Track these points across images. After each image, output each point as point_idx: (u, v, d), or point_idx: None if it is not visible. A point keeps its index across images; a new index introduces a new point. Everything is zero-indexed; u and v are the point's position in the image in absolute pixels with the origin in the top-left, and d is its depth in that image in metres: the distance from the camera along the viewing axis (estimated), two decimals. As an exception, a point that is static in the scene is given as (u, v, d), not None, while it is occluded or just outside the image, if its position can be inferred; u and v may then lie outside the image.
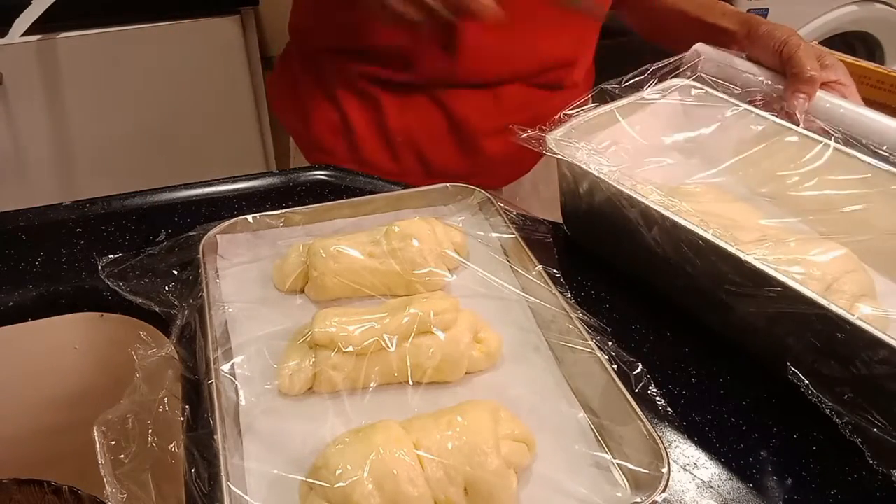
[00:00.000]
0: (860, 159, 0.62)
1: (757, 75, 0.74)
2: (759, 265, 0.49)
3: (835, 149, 0.63)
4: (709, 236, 0.52)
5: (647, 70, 0.72)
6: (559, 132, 0.63)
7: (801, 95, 0.70)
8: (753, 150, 0.67)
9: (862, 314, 0.48)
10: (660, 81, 0.71)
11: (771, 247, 0.55)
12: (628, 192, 0.56)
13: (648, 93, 0.70)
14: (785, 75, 0.73)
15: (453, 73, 0.82)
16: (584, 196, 0.61)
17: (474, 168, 0.68)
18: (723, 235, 0.52)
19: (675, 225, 0.54)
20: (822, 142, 0.64)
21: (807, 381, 0.48)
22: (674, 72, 0.73)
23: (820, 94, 0.71)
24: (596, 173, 0.58)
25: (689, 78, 0.73)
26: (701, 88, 0.72)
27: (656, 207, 0.55)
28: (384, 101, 0.86)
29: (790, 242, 0.56)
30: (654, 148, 0.70)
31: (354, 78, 0.86)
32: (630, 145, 0.67)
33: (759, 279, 0.49)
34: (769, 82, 0.73)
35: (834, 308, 0.46)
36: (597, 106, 0.66)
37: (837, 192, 0.62)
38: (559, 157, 0.61)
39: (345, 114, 0.88)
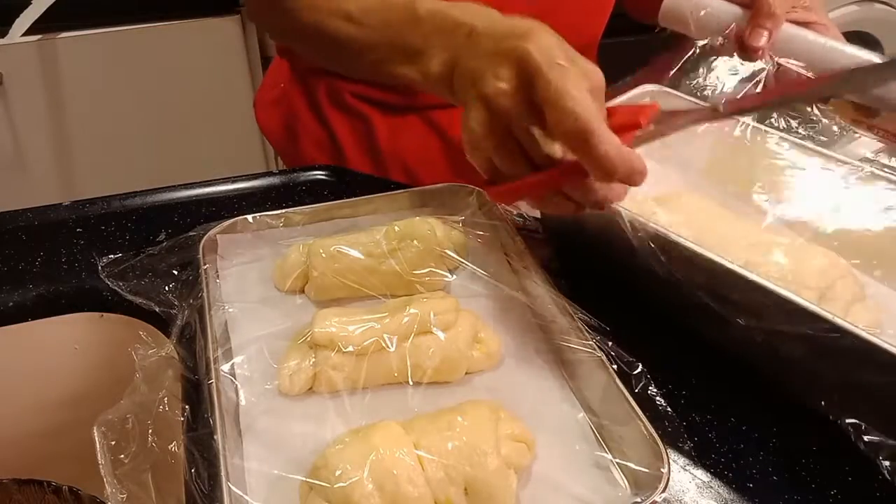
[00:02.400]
0: (837, 158, 0.62)
1: (726, 14, 0.72)
2: (759, 280, 0.48)
3: (812, 150, 0.63)
4: (702, 251, 0.51)
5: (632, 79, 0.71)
6: None
7: (763, 31, 0.67)
8: (729, 154, 0.67)
9: (858, 324, 0.48)
10: (635, 86, 0.71)
11: (761, 257, 0.54)
12: (615, 206, 0.54)
13: (619, 101, 0.69)
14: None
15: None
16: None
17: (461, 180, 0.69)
18: (713, 248, 0.51)
19: (666, 240, 0.53)
20: (798, 143, 0.64)
21: (854, 427, 0.47)
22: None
23: (788, 28, 0.68)
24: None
25: (662, 84, 0.72)
26: (674, 94, 0.71)
27: (645, 221, 0.53)
28: (375, 120, 0.85)
29: (779, 251, 0.56)
30: None
31: (345, 97, 0.85)
32: None
33: (758, 293, 0.49)
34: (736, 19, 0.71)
35: (845, 325, 0.45)
36: None
37: (817, 193, 0.62)
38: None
39: (333, 132, 0.87)
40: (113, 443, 0.44)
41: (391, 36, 0.59)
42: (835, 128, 0.67)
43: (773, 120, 0.68)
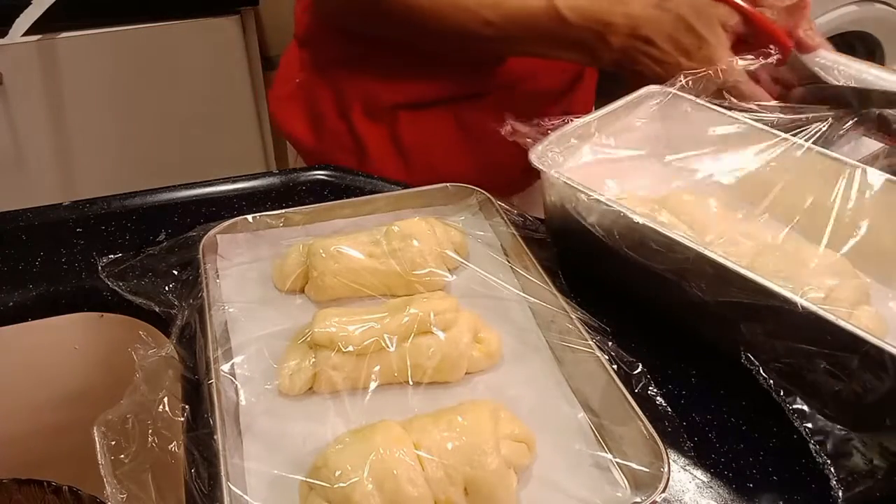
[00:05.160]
0: (840, 160, 0.62)
1: None
2: (762, 281, 0.48)
3: (813, 149, 0.63)
4: (706, 252, 0.51)
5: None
6: (542, 145, 0.61)
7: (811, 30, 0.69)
8: (731, 153, 0.67)
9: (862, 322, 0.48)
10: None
11: (765, 257, 0.54)
12: (619, 208, 0.55)
13: (626, 100, 0.68)
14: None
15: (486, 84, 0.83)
16: (572, 211, 0.59)
17: (488, 177, 0.68)
18: (716, 249, 0.51)
19: (667, 240, 0.52)
20: (798, 143, 0.64)
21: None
22: None
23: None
24: (583, 189, 0.57)
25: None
26: (677, 94, 0.71)
27: (652, 225, 0.53)
28: (399, 115, 0.85)
29: (784, 251, 0.55)
30: (635, 157, 0.69)
31: (368, 91, 0.85)
32: (611, 155, 0.66)
33: (760, 294, 0.48)
34: None
35: (848, 327, 0.45)
36: (578, 116, 0.64)
37: (819, 193, 0.61)
38: (546, 171, 0.59)
39: (355, 128, 0.86)
40: (113, 443, 0.44)
41: (539, 35, 0.68)
42: (841, 131, 0.67)
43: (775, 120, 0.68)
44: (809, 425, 0.47)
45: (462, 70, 0.82)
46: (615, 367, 0.49)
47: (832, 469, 0.46)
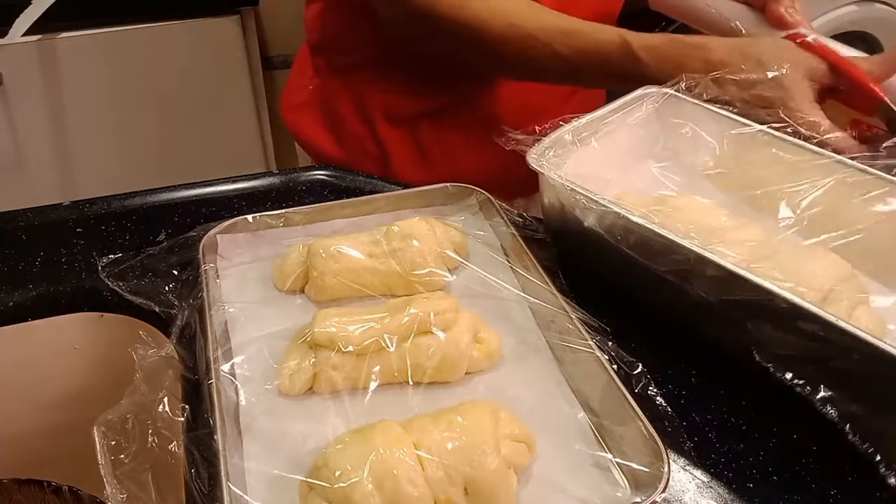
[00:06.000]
0: (837, 160, 0.62)
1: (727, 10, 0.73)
2: (760, 282, 0.48)
3: (809, 149, 0.63)
4: (704, 252, 0.51)
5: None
6: (540, 147, 0.61)
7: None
8: (732, 155, 0.67)
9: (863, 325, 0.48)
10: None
11: (763, 258, 0.54)
12: (616, 209, 0.55)
13: (623, 101, 0.68)
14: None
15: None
16: (570, 212, 0.59)
17: (513, 177, 0.68)
18: (715, 250, 0.51)
19: (667, 241, 0.52)
20: (801, 145, 0.64)
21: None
22: None
23: None
24: (582, 191, 0.57)
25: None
26: (673, 94, 0.71)
27: (649, 225, 0.53)
28: (421, 121, 0.85)
29: (782, 253, 0.55)
30: (632, 158, 0.69)
31: (388, 101, 0.84)
32: (608, 156, 0.66)
33: (759, 295, 0.48)
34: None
35: (847, 327, 0.45)
36: (576, 117, 0.64)
37: (818, 194, 0.61)
38: (543, 173, 0.59)
39: (377, 132, 0.86)
40: (113, 443, 0.44)
41: (610, 71, 0.68)
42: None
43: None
44: (835, 411, 0.47)
45: (481, 76, 0.82)
46: (615, 367, 0.49)
47: (874, 451, 0.46)
